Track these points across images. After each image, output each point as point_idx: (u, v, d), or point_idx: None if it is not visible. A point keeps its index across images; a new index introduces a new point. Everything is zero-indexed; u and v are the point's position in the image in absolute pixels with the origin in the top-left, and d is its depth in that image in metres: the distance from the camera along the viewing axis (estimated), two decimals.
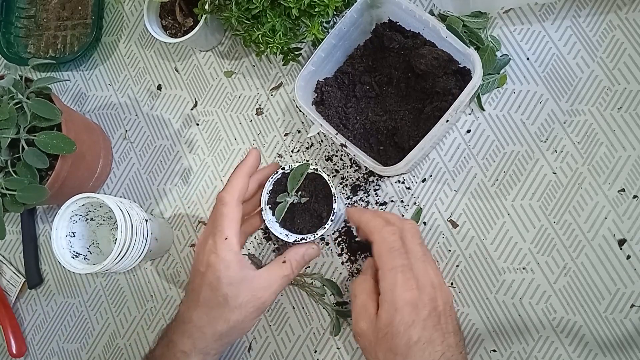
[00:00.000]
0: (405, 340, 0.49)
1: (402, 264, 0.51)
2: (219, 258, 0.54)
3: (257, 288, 0.55)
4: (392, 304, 0.50)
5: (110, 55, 0.81)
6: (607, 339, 0.58)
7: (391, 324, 0.49)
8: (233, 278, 0.54)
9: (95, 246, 0.69)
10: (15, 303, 0.77)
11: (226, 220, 0.56)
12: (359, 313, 0.53)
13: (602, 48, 0.62)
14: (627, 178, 0.59)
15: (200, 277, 0.55)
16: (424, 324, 0.49)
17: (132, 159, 0.77)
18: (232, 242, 0.55)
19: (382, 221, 0.55)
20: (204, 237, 0.57)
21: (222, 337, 0.55)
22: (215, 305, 0.54)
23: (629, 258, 0.58)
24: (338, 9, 0.64)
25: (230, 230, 0.56)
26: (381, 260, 0.52)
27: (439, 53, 0.61)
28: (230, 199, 0.57)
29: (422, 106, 0.63)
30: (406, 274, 0.51)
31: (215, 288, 0.54)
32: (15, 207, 0.63)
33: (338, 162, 0.68)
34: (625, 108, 0.61)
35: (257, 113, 0.73)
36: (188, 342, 0.55)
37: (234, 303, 0.54)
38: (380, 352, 0.50)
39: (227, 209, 0.56)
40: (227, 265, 0.54)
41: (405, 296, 0.50)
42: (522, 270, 0.61)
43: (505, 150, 0.63)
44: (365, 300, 0.53)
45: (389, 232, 0.53)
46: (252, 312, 0.55)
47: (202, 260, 0.56)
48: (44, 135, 0.62)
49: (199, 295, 0.55)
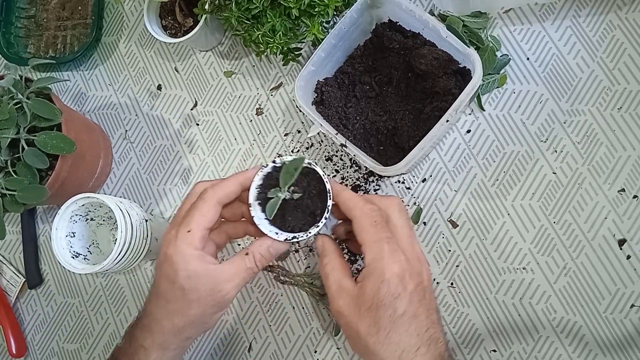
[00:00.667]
0: (391, 312, 0.47)
1: (387, 235, 0.50)
2: (177, 250, 0.52)
3: (217, 281, 0.52)
4: (378, 275, 0.48)
5: (110, 55, 0.81)
6: (607, 339, 0.58)
7: (376, 296, 0.47)
8: (191, 271, 0.51)
9: (95, 246, 0.69)
10: (15, 303, 0.77)
11: (197, 215, 0.52)
12: (335, 291, 0.51)
13: (602, 48, 0.62)
14: (627, 178, 0.59)
15: (159, 269, 0.53)
16: (411, 297, 0.48)
17: (132, 159, 0.77)
18: (195, 236, 0.52)
19: (362, 199, 0.53)
20: (169, 228, 0.54)
21: (181, 332, 0.53)
22: (172, 299, 0.52)
23: (629, 258, 0.58)
24: (338, 9, 0.64)
25: (197, 224, 0.52)
26: (365, 233, 0.50)
27: (439, 53, 0.61)
28: (211, 196, 0.53)
29: (422, 106, 0.63)
30: (392, 245, 0.49)
31: (172, 281, 0.52)
32: (15, 207, 0.63)
33: (338, 162, 0.68)
34: (625, 108, 0.61)
35: (257, 113, 0.73)
36: (148, 336, 0.53)
37: (192, 296, 0.51)
38: (362, 326, 0.48)
39: (203, 205, 0.53)
40: (185, 257, 0.51)
41: (393, 267, 0.48)
42: (522, 270, 0.61)
43: (505, 150, 0.63)
44: (339, 278, 0.51)
45: (369, 209, 0.51)
46: (212, 305, 0.52)
47: (161, 252, 0.53)
48: (44, 135, 0.62)
49: (157, 288, 0.53)
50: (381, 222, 0.51)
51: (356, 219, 0.51)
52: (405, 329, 0.47)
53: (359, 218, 0.51)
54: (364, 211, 0.51)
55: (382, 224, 0.51)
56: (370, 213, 0.51)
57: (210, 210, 0.53)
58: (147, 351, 0.53)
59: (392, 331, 0.47)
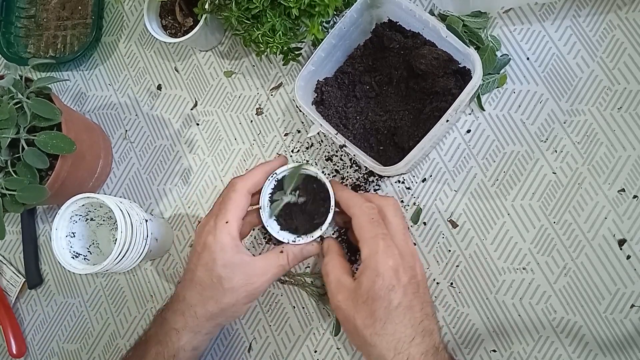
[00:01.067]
0: (386, 304, 0.49)
1: (382, 232, 0.53)
2: (216, 239, 0.55)
3: (251, 273, 0.56)
4: (374, 269, 0.51)
5: (110, 55, 0.81)
6: (607, 339, 0.58)
7: (372, 289, 0.50)
8: (228, 260, 0.55)
9: (95, 246, 0.69)
10: (15, 303, 0.77)
11: (232, 205, 0.57)
12: (335, 287, 0.54)
13: (602, 48, 0.62)
14: (627, 178, 0.59)
15: (197, 257, 0.56)
16: (405, 289, 0.50)
17: (132, 159, 0.77)
18: (232, 227, 0.56)
19: (360, 197, 0.56)
20: (206, 219, 0.58)
21: (213, 318, 0.56)
22: (208, 286, 0.55)
23: (629, 258, 0.58)
24: (338, 8, 0.64)
25: (233, 215, 0.56)
26: (362, 230, 0.53)
27: (439, 53, 0.61)
28: (242, 186, 0.58)
29: (422, 106, 0.63)
30: (387, 241, 0.52)
31: (210, 269, 0.55)
32: (15, 207, 0.63)
33: (338, 162, 0.68)
34: (625, 108, 0.61)
35: (257, 113, 0.73)
36: (180, 319, 0.56)
37: (227, 285, 0.55)
38: (359, 319, 0.50)
39: (235, 195, 0.57)
40: (223, 247, 0.55)
41: (388, 261, 0.51)
42: (522, 270, 0.61)
43: (505, 150, 0.63)
44: (339, 275, 0.54)
45: (367, 207, 0.55)
46: (244, 296, 0.56)
47: (200, 241, 0.57)
48: (44, 135, 0.61)
49: (193, 275, 0.56)
50: (378, 220, 0.54)
51: (355, 217, 0.55)
52: (400, 320, 0.49)
53: (357, 215, 0.54)
54: (362, 209, 0.55)
55: (378, 221, 0.54)
56: (367, 211, 0.54)
57: (242, 200, 0.58)
58: (179, 334, 0.56)
59: (388, 322, 0.49)
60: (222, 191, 0.60)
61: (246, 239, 0.68)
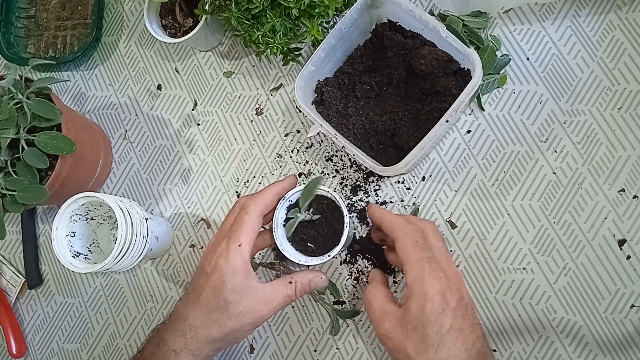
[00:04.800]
0: (437, 328, 0.48)
1: (427, 255, 0.51)
2: (228, 262, 0.54)
3: (258, 301, 0.55)
4: (421, 294, 0.49)
5: (110, 55, 0.81)
6: (607, 339, 0.58)
7: (422, 314, 0.48)
8: (237, 285, 0.54)
9: (95, 245, 0.69)
10: (15, 303, 0.77)
11: (245, 228, 0.55)
12: (379, 316, 0.52)
13: (602, 48, 0.62)
14: (627, 178, 0.59)
15: (205, 278, 0.55)
16: (454, 312, 0.49)
17: (132, 159, 0.77)
18: (245, 250, 0.55)
19: (403, 220, 0.55)
20: (217, 239, 0.57)
21: (215, 342, 0.55)
22: (214, 308, 0.54)
23: (629, 258, 0.58)
24: (338, 9, 0.64)
25: (246, 238, 0.55)
26: (407, 253, 0.52)
27: (439, 53, 0.61)
28: (254, 208, 0.57)
29: (422, 106, 0.63)
30: (432, 264, 0.50)
31: (218, 291, 0.54)
32: (15, 207, 0.63)
33: (338, 162, 0.68)
34: (625, 108, 0.61)
35: (257, 113, 0.73)
36: (180, 340, 0.55)
37: (234, 310, 0.54)
38: (411, 346, 0.48)
39: (249, 218, 0.56)
40: (235, 271, 0.54)
41: (435, 285, 0.49)
42: (522, 270, 0.61)
43: (505, 150, 0.63)
44: (382, 304, 0.53)
45: (411, 229, 0.53)
46: (249, 323, 0.55)
47: (210, 262, 0.55)
48: (44, 136, 0.62)
49: (199, 295, 0.55)
50: (422, 242, 0.52)
51: (399, 240, 0.53)
52: (453, 343, 0.48)
53: (401, 239, 0.53)
54: (406, 231, 0.53)
55: (423, 244, 0.52)
56: (411, 233, 0.53)
57: (255, 223, 0.57)
58: (178, 356, 0.55)
59: (441, 346, 0.47)
60: (230, 210, 0.59)
61: None
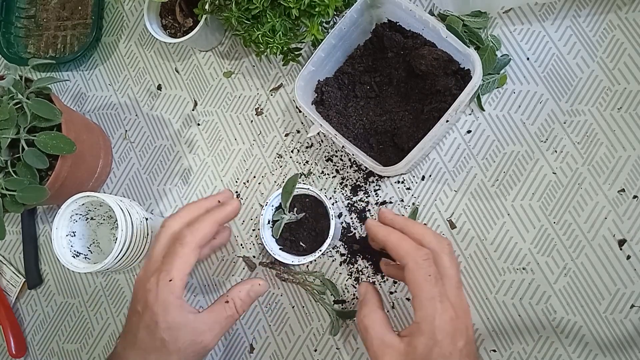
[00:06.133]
0: None
1: (440, 292, 0.48)
2: (158, 300, 0.51)
3: (197, 332, 0.52)
4: (431, 336, 0.46)
5: (110, 55, 0.81)
6: (607, 339, 0.58)
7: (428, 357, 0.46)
8: (171, 322, 0.51)
9: (95, 245, 0.69)
10: (15, 303, 0.77)
11: (178, 262, 0.52)
12: (378, 347, 0.49)
13: (602, 48, 0.62)
14: (627, 178, 0.59)
15: (138, 318, 0.52)
16: (460, 354, 0.47)
17: (132, 159, 0.77)
18: (176, 285, 0.52)
19: (412, 244, 0.50)
20: (147, 271, 0.53)
21: None
22: (152, 349, 0.51)
23: (629, 258, 0.58)
24: (338, 9, 0.64)
25: (179, 273, 0.52)
26: (418, 288, 0.48)
27: (439, 53, 0.61)
28: (191, 240, 0.53)
29: (422, 106, 0.63)
30: (444, 303, 0.48)
31: (152, 332, 0.51)
32: (15, 207, 0.63)
33: (338, 162, 0.68)
34: (625, 108, 0.61)
35: (257, 113, 0.73)
36: None
37: (172, 347, 0.51)
38: None
39: (183, 251, 0.52)
40: (166, 308, 0.51)
41: (445, 327, 0.47)
42: (522, 271, 0.61)
43: (505, 150, 0.63)
44: (381, 333, 0.49)
45: (422, 257, 0.49)
46: (192, 356, 0.52)
47: (140, 299, 0.53)
48: (44, 136, 0.62)
49: (135, 337, 0.52)
50: (434, 275, 0.48)
51: (409, 270, 0.49)
52: None
53: (412, 270, 0.49)
54: (417, 261, 0.49)
55: (436, 277, 0.48)
56: (423, 264, 0.49)
57: (190, 256, 0.53)
58: None
59: None
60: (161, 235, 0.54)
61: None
